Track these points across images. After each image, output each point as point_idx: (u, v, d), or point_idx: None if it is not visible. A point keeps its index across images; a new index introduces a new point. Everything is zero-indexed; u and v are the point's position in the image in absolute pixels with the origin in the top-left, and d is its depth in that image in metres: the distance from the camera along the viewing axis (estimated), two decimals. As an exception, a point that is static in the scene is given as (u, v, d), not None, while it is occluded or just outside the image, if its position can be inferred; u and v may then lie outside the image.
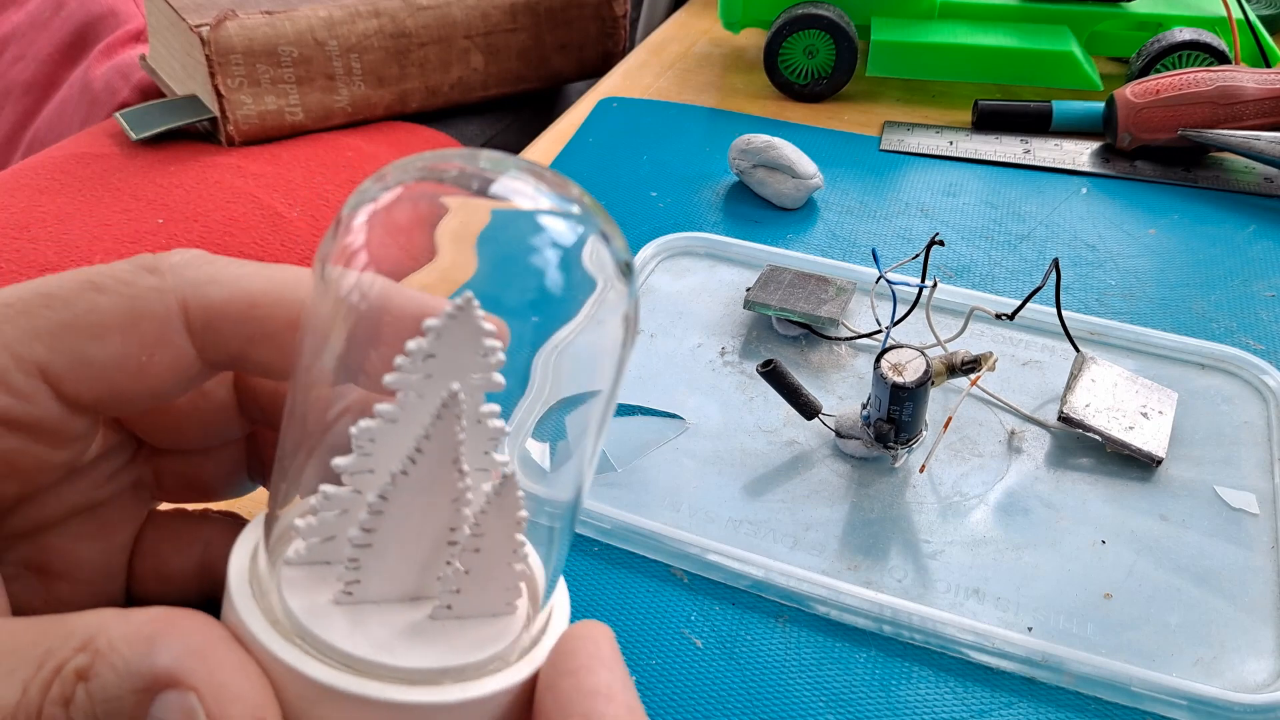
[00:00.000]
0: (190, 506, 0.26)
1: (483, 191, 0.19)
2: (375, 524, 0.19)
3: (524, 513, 0.19)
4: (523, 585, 0.20)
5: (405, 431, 0.18)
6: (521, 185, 0.19)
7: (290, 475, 0.20)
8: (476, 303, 0.18)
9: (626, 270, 0.20)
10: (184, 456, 0.24)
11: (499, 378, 0.19)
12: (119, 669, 0.17)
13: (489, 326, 0.18)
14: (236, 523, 0.25)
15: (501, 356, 0.18)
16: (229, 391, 0.23)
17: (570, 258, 0.19)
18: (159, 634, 0.17)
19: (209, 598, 0.24)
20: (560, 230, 0.19)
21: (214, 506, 0.26)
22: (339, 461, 0.19)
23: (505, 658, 0.20)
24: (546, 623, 0.21)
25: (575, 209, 0.19)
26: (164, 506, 0.25)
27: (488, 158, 0.19)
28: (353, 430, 0.19)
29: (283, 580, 0.20)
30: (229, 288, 0.20)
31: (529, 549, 0.21)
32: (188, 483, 0.25)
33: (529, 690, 0.19)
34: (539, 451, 0.28)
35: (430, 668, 0.19)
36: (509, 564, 0.20)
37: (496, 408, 0.19)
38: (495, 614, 0.20)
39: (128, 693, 0.17)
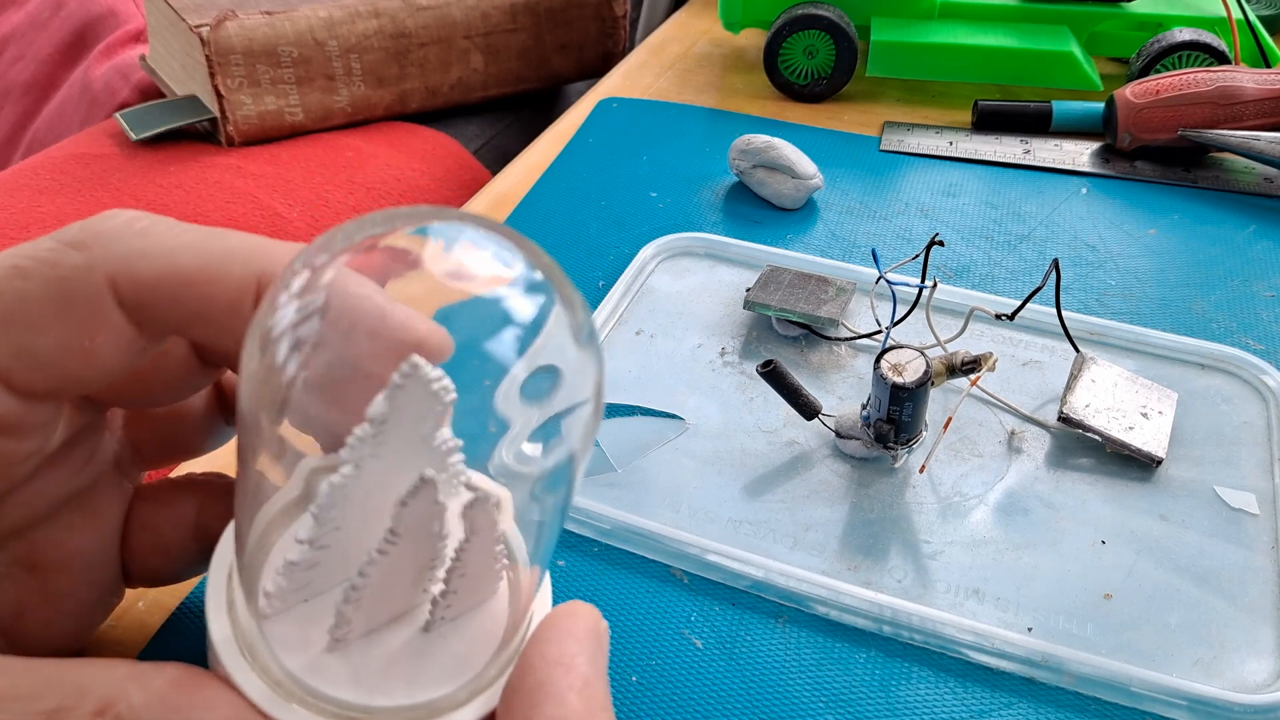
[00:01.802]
0: (175, 474, 0.26)
1: (434, 266, 0.19)
2: (359, 596, 0.19)
3: (502, 528, 0.19)
4: (503, 573, 0.20)
5: (365, 486, 0.18)
6: (477, 256, 0.19)
7: (250, 524, 0.20)
8: (422, 366, 0.17)
9: (590, 339, 0.19)
10: (158, 420, 0.24)
11: (447, 423, 0.18)
12: None
13: (439, 381, 0.18)
14: (223, 480, 0.25)
15: (452, 397, 0.18)
16: (186, 346, 0.22)
17: (527, 343, 0.18)
18: (184, 705, 0.18)
19: (208, 558, 0.24)
20: (519, 314, 0.18)
21: (197, 471, 0.25)
22: (301, 534, 0.19)
23: (482, 680, 0.20)
24: (522, 640, 0.21)
25: (532, 279, 0.19)
26: (149, 479, 0.25)
27: (438, 226, 0.19)
28: (311, 509, 0.19)
29: (269, 634, 0.20)
30: (160, 263, 0.19)
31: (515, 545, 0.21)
32: (167, 445, 0.24)
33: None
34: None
35: (408, 704, 0.19)
36: (491, 566, 0.20)
37: (456, 443, 0.19)
38: (483, 601, 0.21)
39: None
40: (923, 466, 0.33)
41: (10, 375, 0.19)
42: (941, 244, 0.36)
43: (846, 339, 0.38)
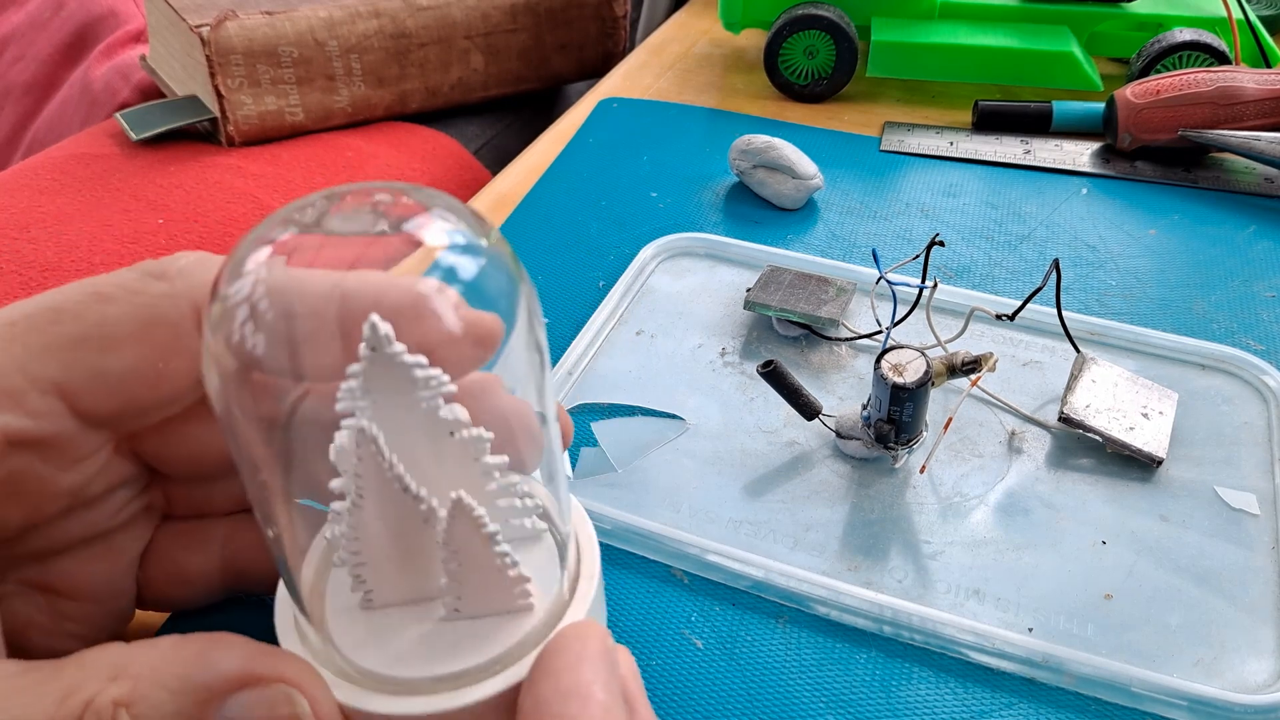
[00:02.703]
0: None
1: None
2: (355, 546, 0.19)
3: (490, 528, 0.19)
4: (529, 586, 0.20)
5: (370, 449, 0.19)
6: (433, 223, 0.19)
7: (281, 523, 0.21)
8: (388, 338, 0.18)
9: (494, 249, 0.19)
10: (197, 482, 0.24)
11: (451, 393, 0.18)
12: (173, 686, 0.17)
13: (411, 358, 0.18)
14: (250, 516, 0.25)
15: (440, 376, 0.18)
16: None
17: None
18: (209, 649, 0.18)
19: (233, 593, 0.24)
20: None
21: None
22: (335, 506, 0.19)
23: (509, 658, 0.20)
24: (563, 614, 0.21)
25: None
26: None
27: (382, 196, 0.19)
28: (333, 484, 0.19)
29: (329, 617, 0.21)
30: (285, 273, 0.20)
31: (543, 541, 0.22)
32: (199, 507, 0.24)
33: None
34: None
35: (422, 677, 0.19)
36: (498, 572, 0.20)
37: (465, 418, 0.19)
38: (508, 611, 0.20)
39: (190, 705, 0.17)
40: (923, 467, 0.33)
41: (78, 396, 0.19)
42: (942, 244, 0.36)
43: (847, 339, 0.38)
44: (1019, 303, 0.35)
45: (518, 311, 0.19)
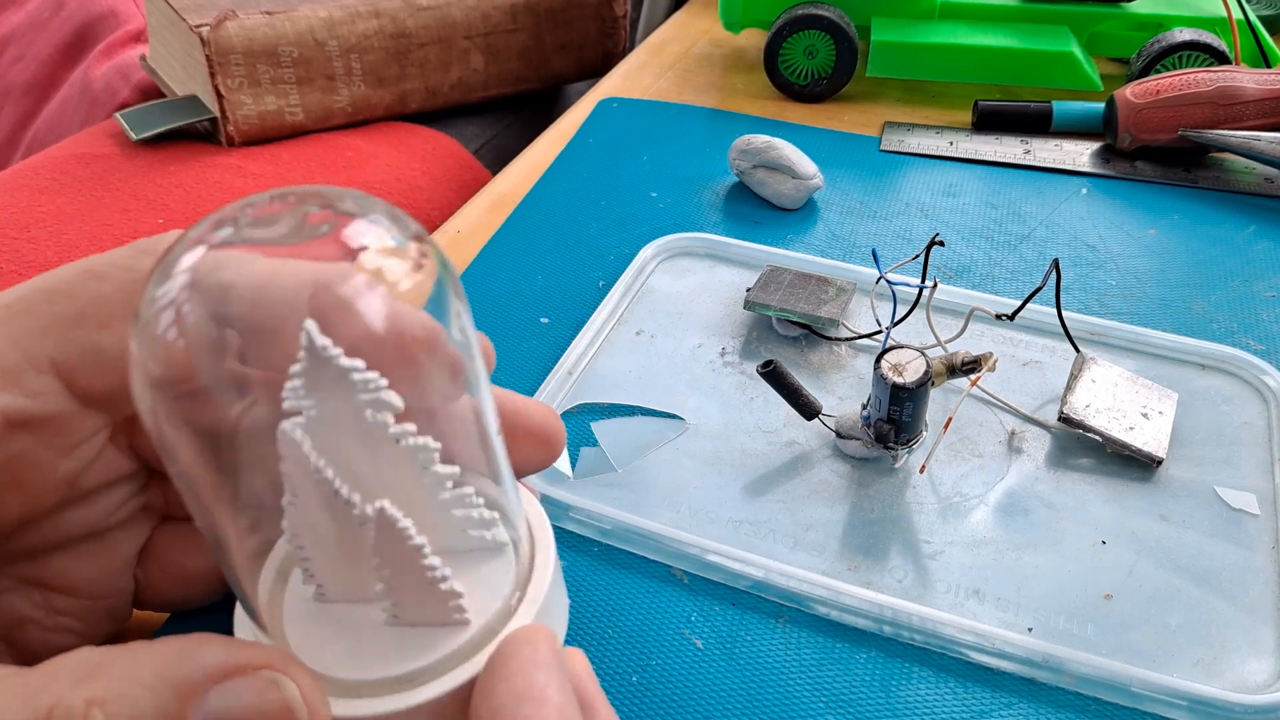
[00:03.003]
0: None
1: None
2: (299, 541, 0.19)
3: (416, 541, 0.19)
4: (462, 601, 0.20)
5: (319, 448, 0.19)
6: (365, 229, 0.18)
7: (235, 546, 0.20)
8: (319, 341, 0.17)
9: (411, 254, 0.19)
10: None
11: (390, 398, 0.18)
12: (149, 683, 0.17)
13: (347, 362, 0.17)
14: None
15: (377, 380, 0.18)
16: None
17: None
18: (189, 645, 0.18)
19: (226, 588, 0.24)
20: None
21: None
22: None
23: (456, 658, 0.20)
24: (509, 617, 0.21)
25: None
26: None
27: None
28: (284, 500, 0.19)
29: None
30: (234, 267, 0.20)
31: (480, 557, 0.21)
32: None
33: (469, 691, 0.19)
34: None
35: (369, 679, 0.19)
36: (430, 585, 0.19)
37: (410, 427, 0.19)
38: (443, 623, 0.20)
39: (170, 701, 0.17)
40: (923, 467, 0.33)
41: (74, 374, 0.19)
42: (941, 244, 0.36)
43: (846, 339, 0.38)
44: (1019, 303, 0.35)
45: (448, 316, 0.19)
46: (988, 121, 0.54)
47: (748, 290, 0.39)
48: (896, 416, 0.31)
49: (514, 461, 0.23)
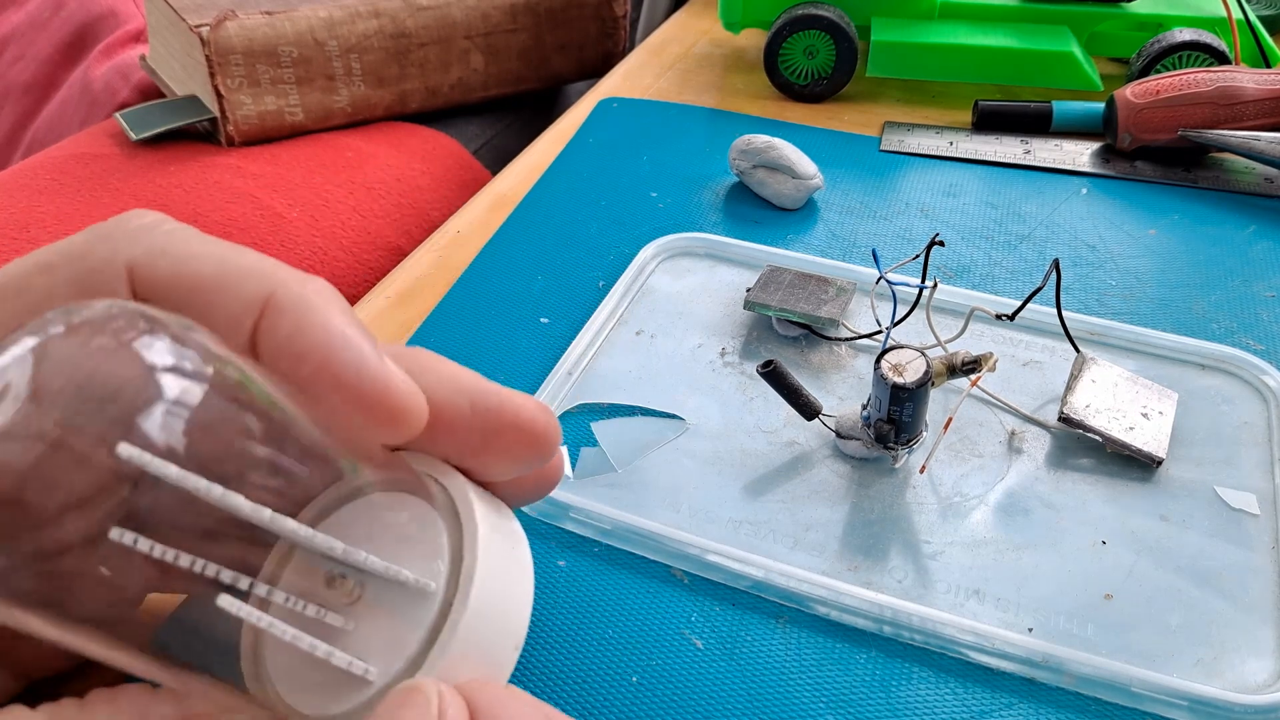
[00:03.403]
0: None
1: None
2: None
3: (276, 626, 0.18)
4: (352, 668, 0.18)
5: None
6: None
7: None
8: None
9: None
10: None
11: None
12: None
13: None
14: None
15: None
16: None
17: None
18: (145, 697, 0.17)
19: None
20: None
21: None
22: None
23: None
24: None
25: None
26: None
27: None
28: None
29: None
30: (177, 264, 0.19)
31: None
32: None
33: None
34: None
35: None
36: (318, 662, 0.18)
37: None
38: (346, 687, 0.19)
39: None
40: (923, 467, 0.33)
41: None
42: (941, 244, 0.36)
43: (846, 339, 0.38)
44: (1019, 303, 0.35)
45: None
46: (988, 121, 0.54)
47: (748, 290, 0.39)
48: (896, 417, 0.31)
49: (496, 465, 0.21)
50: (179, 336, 0.17)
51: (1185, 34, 0.54)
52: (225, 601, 0.17)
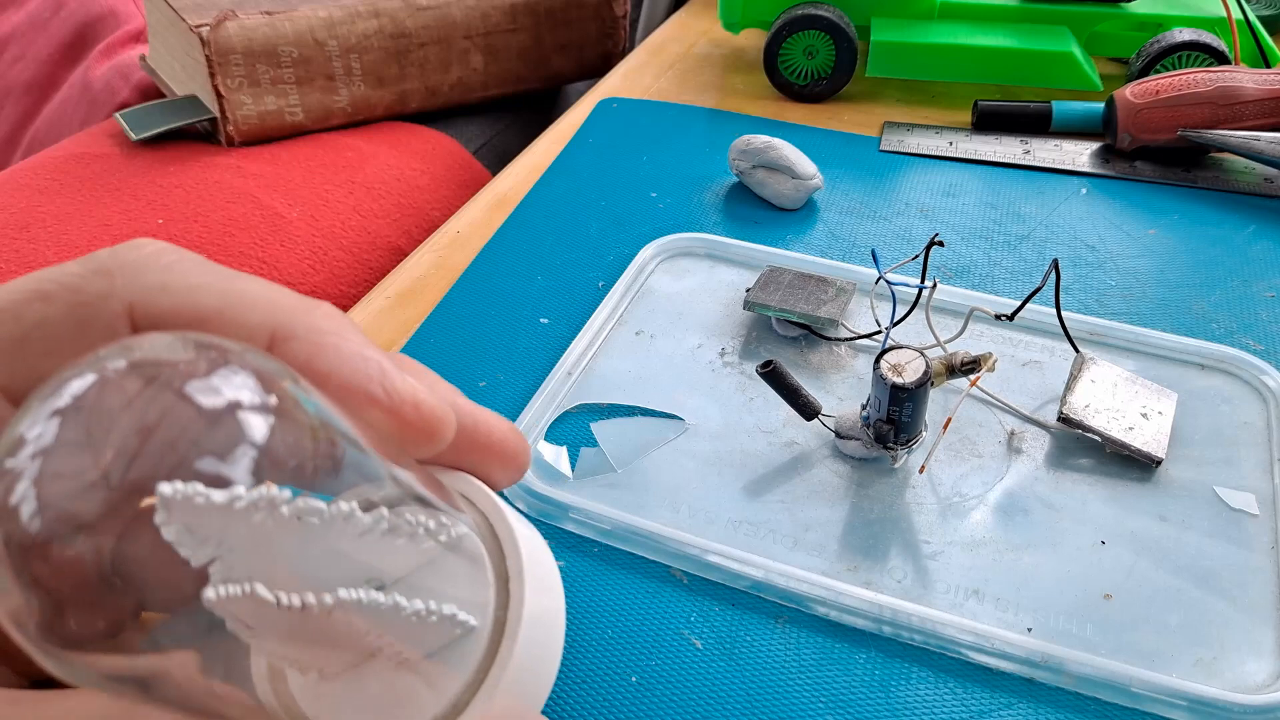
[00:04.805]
0: None
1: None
2: (277, 657, 0.18)
3: (385, 601, 0.17)
4: (458, 615, 0.19)
5: None
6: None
7: None
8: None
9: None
10: None
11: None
12: None
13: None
14: None
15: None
16: None
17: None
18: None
19: None
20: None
21: None
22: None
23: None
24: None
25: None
26: None
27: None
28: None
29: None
30: (179, 299, 0.19)
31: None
32: None
33: None
34: None
35: None
36: (421, 620, 0.18)
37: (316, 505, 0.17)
38: (450, 643, 0.19)
39: None
40: (923, 467, 0.33)
41: (19, 400, 0.19)
42: (941, 244, 0.36)
43: (846, 339, 0.38)
44: (1018, 303, 0.35)
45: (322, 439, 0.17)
46: (987, 121, 0.54)
47: (747, 290, 0.39)
48: (896, 417, 0.31)
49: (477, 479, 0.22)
50: (259, 371, 0.16)
51: (1185, 34, 0.54)
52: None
